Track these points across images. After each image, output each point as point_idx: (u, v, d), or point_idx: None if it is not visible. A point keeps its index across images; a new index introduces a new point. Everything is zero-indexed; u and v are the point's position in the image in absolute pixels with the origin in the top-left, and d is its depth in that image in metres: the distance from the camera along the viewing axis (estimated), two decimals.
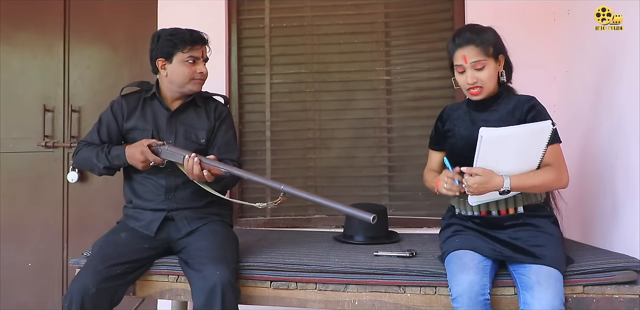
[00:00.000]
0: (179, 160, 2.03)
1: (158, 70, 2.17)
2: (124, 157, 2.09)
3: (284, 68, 3.25)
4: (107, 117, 2.23)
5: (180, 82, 2.15)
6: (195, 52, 2.13)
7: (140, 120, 2.20)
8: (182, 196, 2.17)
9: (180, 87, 2.17)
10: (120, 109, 2.22)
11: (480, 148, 1.75)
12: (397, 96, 3.18)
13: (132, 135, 2.20)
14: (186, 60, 2.12)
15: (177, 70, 2.13)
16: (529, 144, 1.78)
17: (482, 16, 2.07)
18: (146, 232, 2.12)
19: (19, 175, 3.36)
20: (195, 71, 2.14)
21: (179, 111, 2.22)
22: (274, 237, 2.58)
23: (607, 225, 2.19)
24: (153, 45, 2.16)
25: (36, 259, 3.32)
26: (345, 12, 3.21)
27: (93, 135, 2.23)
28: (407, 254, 2.08)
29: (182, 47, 2.11)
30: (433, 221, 2.96)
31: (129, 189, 2.23)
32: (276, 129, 3.23)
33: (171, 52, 2.12)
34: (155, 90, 2.21)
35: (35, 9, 3.40)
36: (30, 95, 3.38)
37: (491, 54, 1.93)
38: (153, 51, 2.16)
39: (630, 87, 2.03)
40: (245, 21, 3.26)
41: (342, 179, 3.18)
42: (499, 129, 1.76)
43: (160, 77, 2.20)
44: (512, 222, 1.91)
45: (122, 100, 2.23)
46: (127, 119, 2.21)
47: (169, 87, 2.19)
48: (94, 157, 2.13)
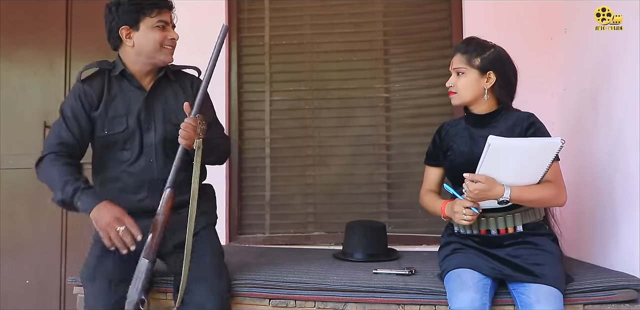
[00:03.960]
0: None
1: (121, 42, 1.93)
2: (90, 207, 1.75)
3: (284, 85, 3.27)
4: (72, 108, 1.90)
5: (149, 51, 1.91)
6: (164, 16, 1.92)
7: (110, 106, 1.92)
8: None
9: (150, 58, 1.92)
10: (85, 96, 1.91)
11: (485, 156, 1.75)
12: (396, 113, 3.19)
13: (101, 127, 1.91)
14: (156, 25, 1.90)
15: (146, 37, 1.90)
16: (535, 158, 1.78)
17: (480, 34, 2.08)
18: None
19: (18, 191, 3.36)
20: (165, 37, 1.92)
21: (154, 90, 1.98)
22: (272, 255, 2.56)
23: (607, 243, 2.19)
24: (112, 15, 1.91)
25: (34, 276, 3.31)
26: (345, 30, 3.24)
27: (62, 133, 1.87)
28: (407, 271, 2.07)
29: (150, 12, 1.89)
30: (432, 238, 2.95)
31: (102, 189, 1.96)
32: (276, 146, 3.24)
33: (137, 18, 1.89)
34: (123, 67, 1.94)
35: (37, 25, 3.44)
36: (30, 111, 3.40)
37: (475, 66, 1.96)
38: (113, 21, 1.91)
39: (627, 101, 2.04)
40: (245, 39, 3.29)
41: (341, 196, 3.18)
42: (507, 139, 1.77)
43: (125, 51, 1.95)
44: (511, 241, 1.90)
45: (84, 86, 1.92)
46: (96, 107, 1.91)
47: (136, 60, 1.93)
48: (56, 182, 1.80)
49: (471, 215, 1.81)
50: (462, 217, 1.82)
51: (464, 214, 1.82)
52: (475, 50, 1.98)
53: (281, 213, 3.21)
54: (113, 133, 1.92)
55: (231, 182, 3.18)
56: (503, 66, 1.99)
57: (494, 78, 1.97)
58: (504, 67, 1.99)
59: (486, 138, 1.74)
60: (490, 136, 1.74)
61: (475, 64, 1.97)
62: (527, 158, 1.78)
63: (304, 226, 3.19)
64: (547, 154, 1.76)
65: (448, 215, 1.92)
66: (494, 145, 1.73)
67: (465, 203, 1.82)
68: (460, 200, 1.85)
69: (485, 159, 1.76)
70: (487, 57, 1.97)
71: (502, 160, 1.76)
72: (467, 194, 1.79)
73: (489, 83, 1.97)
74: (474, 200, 1.81)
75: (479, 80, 1.98)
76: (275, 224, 3.20)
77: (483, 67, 1.97)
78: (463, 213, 1.82)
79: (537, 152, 1.77)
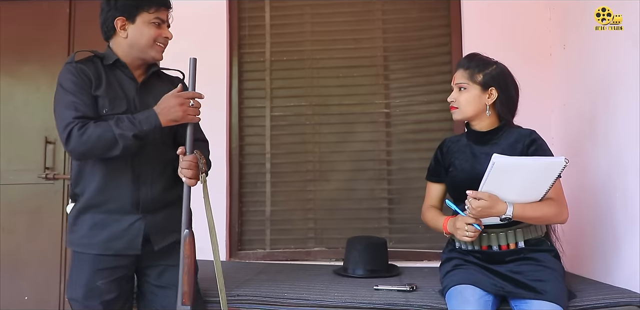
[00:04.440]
0: None
1: (114, 33, 1.91)
2: (155, 117, 1.76)
3: (284, 101, 3.29)
4: (75, 84, 1.82)
5: (142, 46, 1.89)
6: (161, 14, 1.92)
7: (109, 88, 1.86)
8: (155, 190, 1.90)
9: (142, 52, 1.91)
10: (83, 73, 1.84)
11: (489, 174, 1.75)
12: (397, 129, 3.20)
13: (101, 106, 1.83)
14: (152, 21, 1.89)
15: (140, 31, 1.89)
16: (538, 176, 1.78)
17: (480, 50, 2.10)
18: (128, 251, 1.84)
19: (18, 207, 3.36)
20: (160, 34, 1.91)
21: (146, 83, 1.95)
22: (273, 271, 2.56)
23: (608, 258, 2.18)
24: (109, 5, 1.90)
25: (34, 292, 3.28)
26: (345, 46, 3.26)
27: (79, 107, 1.78)
28: (408, 288, 2.06)
29: (148, 8, 1.88)
30: (433, 254, 2.94)
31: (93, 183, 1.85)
32: (276, 161, 3.24)
33: (134, 12, 1.88)
34: (117, 57, 1.91)
35: (40, 42, 3.46)
36: (32, 127, 3.41)
37: (478, 82, 1.98)
38: (110, 11, 1.89)
39: (626, 118, 2.06)
40: (246, 55, 3.31)
41: (341, 212, 3.18)
42: (511, 158, 1.77)
43: (117, 42, 1.92)
44: (513, 257, 1.89)
45: (79, 65, 1.86)
46: (96, 86, 1.84)
47: (127, 53, 1.91)
48: (113, 128, 1.72)
49: (473, 232, 1.81)
50: (464, 233, 1.82)
51: (466, 230, 1.82)
52: (477, 66, 2.00)
53: (282, 228, 3.20)
54: (113, 113, 1.83)
55: (231, 198, 3.17)
56: (505, 82, 2.00)
57: (495, 94, 1.98)
58: (506, 83, 2.01)
59: (488, 155, 1.75)
60: (495, 155, 1.74)
61: (477, 79, 1.98)
62: (530, 176, 1.78)
63: (305, 242, 3.18)
64: (550, 172, 1.77)
65: (450, 231, 1.92)
66: (498, 163, 1.73)
67: (467, 219, 1.82)
68: (463, 216, 1.85)
69: (489, 176, 1.76)
70: (490, 73, 1.99)
71: (506, 178, 1.76)
72: (470, 211, 1.79)
73: (491, 99, 1.99)
74: (477, 217, 1.81)
75: (481, 96, 1.99)
76: (276, 240, 3.20)
77: (485, 83, 1.98)
78: (465, 229, 1.82)
79: (541, 171, 1.77)
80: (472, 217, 1.81)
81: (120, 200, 1.85)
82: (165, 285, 1.89)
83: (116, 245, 1.82)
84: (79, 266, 1.85)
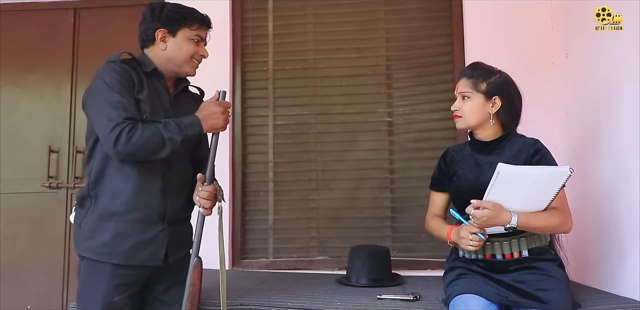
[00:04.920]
0: None
1: (152, 43, 1.92)
2: (198, 123, 1.78)
3: (287, 110, 3.29)
4: (120, 81, 1.78)
5: (179, 60, 1.91)
6: (202, 32, 1.94)
7: (149, 94, 1.84)
8: (179, 203, 1.91)
9: (177, 66, 1.92)
10: (129, 75, 1.82)
11: (494, 183, 1.75)
12: (399, 137, 3.20)
13: (142, 110, 1.80)
14: (192, 38, 1.91)
15: (179, 45, 1.90)
16: (543, 186, 1.78)
17: (482, 59, 2.11)
18: (150, 262, 1.83)
19: (21, 215, 3.36)
20: (197, 52, 1.93)
21: (177, 95, 1.97)
22: (276, 280, 2.55)
23: (613, 268, 2.17)
24: (153, 16, 1.91)
25: (36, 301, 3.28)
26: (347, 55, 3.27)
27: (127, 107, 1.74)
28: (411, 297, 2.05)
29: (191, 24, 1.91)
30: (437, 263, 2.93)
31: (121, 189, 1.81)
32: (279, 170, 3.24)
33: (176, 26, 1.90)
34: (155, 66, 1.91)
35: (45, 52, 3.49)
36: (36, 136, 3.42)
37: (482, 91, 1.99)
38: (152, 21, 1.90)
39: (629, 126, 2.06)
40: (249, 64, 3.33)
41: (344, 220, 3.17)
42: (516, 167, 1.77)
43: (154, 52, 1.92)
44: (517, 266, 1.89)
45: (125, 66, 1.84)
46: (138, 90, 1.82)
47: (163, 65, 1.92)
48: (162, 132, 1.72)
49: (477, 241, 1.81)
50: (469, 242, 1.82)
51: (470, 239, 1.81)
52: (481, 75, 2.01)
53: (285, 237, 3.20)
54: (151, 120, 1.80)
55: (234, 206, 3.17)
56: (509, 91, 2.01)
57: (499, 103, 1.99)
58: (510, 92, 2.01)
59: (492, 165, 1.75)
60: (500, 164, 1.74)
61: (481, 88, 1.99)
62: (535, 186, 1.78)
63: (308, 251, 3.17)
64: (555, 182, 1.76)
65: (454, 240, 1.91)
66: (503, 173, 1.73)
67: (471, 229, 1.82)
68: (467, 225, 1.84)
69: (494, 186, 1.75)
70: (493, 82, 1.99)
71: (510, 188, 1.76)
72: (474, 220, 1.79)
73: (495, 108, 1.99)
74: (481, 226, 1.80)
75: (485, 105, 1.99)
76: (279, 249, 3.19)
77: (489, 92, 1.99)
78: (469, 239, 1.82)
79: (546, 181, 1.77)
80: (476, 227, 1.81)
81: (148, 209, 1.82)
82: (170, 301, 1.88)
83: (139, 255, 1.80)
84: (95, 277, 1.79)
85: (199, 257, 1.82)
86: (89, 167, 1.86)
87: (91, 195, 1.82)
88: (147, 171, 1.81)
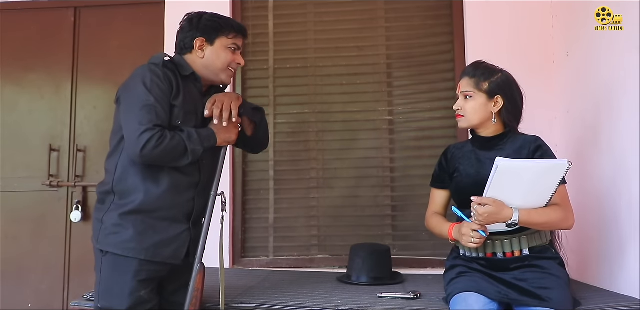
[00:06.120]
0: None
1: (190, 51, 1.95)
2: (214, 136, 1.85)
3: (288, 108, 3.29)
4: (159, 86, 1.80)
5: (216, 68, 1.95)
6: (238, 41, 1.98)
7: (185, 101, 1.85)
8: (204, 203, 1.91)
9: (214, 74, 1.96)
10: (168, 80, 1.83)
11: (493, 177, 1.75)
12: (400, 136, 3.20)
13: (176, 116, 1.83)
14: (230, 46, 1.95)
15: (217, 54, 1.94)
16: (542, 180, 1.78)
17: (483, 58, 2.10)
18: (172, 260, 1.83)
19: (22, 214, 3.36)
20: (234, 60, 1.97)
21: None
22: (276, 278, 2.55)
23: (613, 266, 2.17)
24: (192, 25, 1.95)
25: (37, 299, 3.28)
26: (348, 54, 3.27)
27: (160, 114, 1.76)
28: (411, 295, 2.05)
29: (228, 33, 1.95)
30: (437, 261, 2.93)
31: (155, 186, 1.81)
32: (280, 168, 3.24)
33: (214, 35, 1.94)
34: (193, 70, 1.93)
35: (45, 51, 3.48)
36: (37, 135, 3.42)
37: (484, 90, 1.98)
38: (191, 30, 1.94)
39: (629, 124, 2.06)
40: (250, 62, 3.32)
41: (345, 219, 3.17)
42: (515, 161, 1.77)
43: (192, 59, 1.95)
44: (518, 264, 1.89)
45: (167, 71, 1.86)
46: (175, 95, 1.83)
47: (201, 72, 1.94)
48: (186, 143, 1.77)
49: (479, 238, 1.81)
50: (470, 240, 1.82)
51: (471, 236, 1.81)
52: (483, 74, 2.00)
53: (285, 236, 3.20)
54: (183, 127, 1.84)
55: (235, 205, 3.17)
56: (510, 90, 2.01)
57: (501, 102, 1.99)
58: (512, 91, 2.01)
59: (493, 160, 1.75)
60: (498, 158, 1.74)
61: (483, 88, 1.99)
62: (534, 180, 1.78)
63: (308, 249, 3.17)
64: (554, 175, 1.76)
65: (455, 238, 1.91)
66: (502, 166, 1.73)
67: (472, 226, 1.82)
68: (468, 223, 1.84)
69: (493, 180, 1.76)
70: (495, 81, 1.99)
71: (510, 182, 1.76)
72: (476, 217, 1.79)
73: (497, 107, 1.99)
74: (483, 223, 1.80)
75: (487, 104, 1.99)
76: (279, 247, 3.19)
77: (491, 91, 1.98)
78: (471, 236, 1.82)
79: (545, 174, 1.77)
80: (477, 224, 1.81)
81: (177, 208, 1.84)
82: (177, 301, 1.87)
83: (163, 252, 1.80)
84: (119, 272, 1.78)
85: (202, 263, 1.84)
86: (112, 162, 1.86)
87: (115, 191, 1.82)
88: (183, 172, 1.85)
